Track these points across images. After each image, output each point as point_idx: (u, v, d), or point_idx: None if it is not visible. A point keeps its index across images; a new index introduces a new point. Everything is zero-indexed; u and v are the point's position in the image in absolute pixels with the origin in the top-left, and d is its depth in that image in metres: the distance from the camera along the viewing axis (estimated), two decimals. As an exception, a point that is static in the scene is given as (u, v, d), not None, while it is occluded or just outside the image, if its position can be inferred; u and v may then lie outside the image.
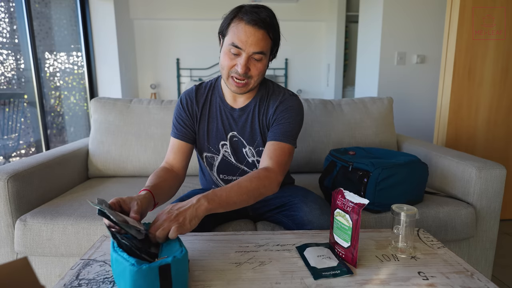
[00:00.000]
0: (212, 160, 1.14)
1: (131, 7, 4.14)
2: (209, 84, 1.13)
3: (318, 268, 0.74)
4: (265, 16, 0.93)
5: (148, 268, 0.59)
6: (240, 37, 0.93)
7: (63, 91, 3.42)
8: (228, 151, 1.11)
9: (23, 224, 1.16)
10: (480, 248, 1.34)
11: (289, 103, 1.07)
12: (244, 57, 0.94)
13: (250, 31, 0.92)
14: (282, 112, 1.05)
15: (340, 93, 4.23)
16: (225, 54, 0.97)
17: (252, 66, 0.97)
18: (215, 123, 1.10)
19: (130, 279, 0.59)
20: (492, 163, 1.31)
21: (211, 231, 1.05)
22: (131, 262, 0.60)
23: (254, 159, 1.12)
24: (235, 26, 0.94)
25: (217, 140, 1.11)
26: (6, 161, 2.73)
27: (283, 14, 4.37)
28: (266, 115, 1.08)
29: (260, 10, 0.94)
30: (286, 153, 1.01)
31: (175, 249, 0.67)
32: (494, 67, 1.97)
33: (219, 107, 1.10)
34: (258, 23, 0.92)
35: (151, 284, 0.60)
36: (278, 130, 1.03)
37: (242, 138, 1.10)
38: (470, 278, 0.72)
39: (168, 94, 4.47)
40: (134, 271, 0.59)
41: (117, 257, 0.63)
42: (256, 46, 0.94)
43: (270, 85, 1.12)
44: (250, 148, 1.11)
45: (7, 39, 2.68)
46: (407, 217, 0.81)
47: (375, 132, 1.74)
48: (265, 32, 0.94)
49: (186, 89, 4.73)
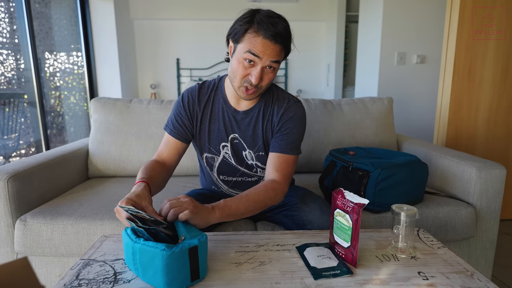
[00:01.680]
0: (213, 160, 1.13)
1: (131, 7, 4.14)
2: (212, 84, 1.12)
3: (318, 268, 0.74)
4: (281, 30, 0.92)
5: (180, 251, 0.65)
6: (257, 48, 0.92)
7: (63, 91, 3.42)
8: (229, 152, 1.11)
9: (23, 224, 1.16)
10: (480, 248, 1.34)
11: (293, 110, 1.06)
12: (259, 68, 0.94)
13: (267, 45, 0.91)
14: (286, 121, 1.05)
15: (340, 93, 4.23)
16: (239, 63, 0.95)
17: (264, 76, 0.96)
18: (217, 124, 1.09)
19: (163, 263, 0.64)
20: (492, 163, 1.31)
21: (211, 231, 1.05)
22: (161, 248, 0.64)
23: (254, 162, 1.12)
24: (252, 38, 0.92)
25: (218, 141, 1.10)
26: (6, 161, 2.73)
27: (283, 14, 4.37)
28: (271, 121, 1.08)
29: (276, 21, 0.92)
30: (291, 164, 1.04)
31: (194, 233, 0.72)
32: (494, 67, 1.97)
33: (221, 108, 1.09)
34: (276, 38, 0.91)
35: (182, 265, 0.66)
36: (283, 141, 1.04)
37: (243, 141, 1.09)
38: (470, 278, 0.72)
39: (168, 94, 4.47)
40: (167, 255, 0.64)
41: (142, 247, 0.66)
42: (273, 57, 0.93)
43: (275, 89, 1.11)
44: (250, 151, 1.10)
45: (7, 39, 2.68)
46: (407, 217, 0.81)
47: (375, 132, 1.74)
48: (281, 46, 0.94)
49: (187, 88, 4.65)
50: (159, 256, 0.64)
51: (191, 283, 0.68)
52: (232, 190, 1.17)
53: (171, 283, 0.66)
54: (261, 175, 1.15)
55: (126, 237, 0.71)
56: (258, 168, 1.13)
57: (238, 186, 1.16)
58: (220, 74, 4.28)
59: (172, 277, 0.65)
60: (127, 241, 0.71)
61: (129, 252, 0.71)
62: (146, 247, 0.66)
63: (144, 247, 0.66)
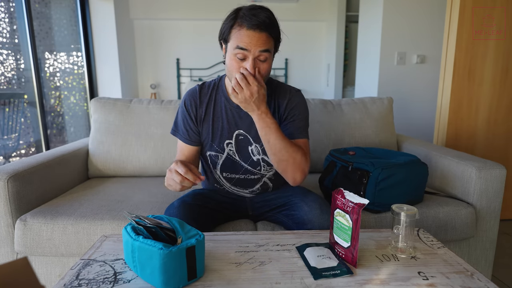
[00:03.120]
0: (216, 158, 1.14)
1: (131, 7, 4.14)
2: (212, 84, 1.14)
3: (318, 268, 0.74)
4: (264, 18, 0.94)
5: (177, 250, 0.66)
6: (243, 41, 0.94)
7: (63, 91, 3.42)
8: (233, 149, 1.12)
9: (23, 224, 1.16)
10: (480, 248, 1.34)
11: (296, 99, 1.12)
12: (251, 60, 0.95)
13: (252, 35, 0.93)
14: (292, 109, 1.10)
15: (340, 93, 4.23)
16: (232, 60, 0.98)
17: (259, 67, 0.98)
18: (220, 122, 1.11)
19: (160, 261, 0.65)
20: (492, 163, 1.31)
21: (211, 231, 1.05)
22: (158, 246, 0.65)
23: (260, 157, 1.13)
24: (238, 33, 0.95)
25: (222, 139, 1.11)
26: (6, 161, 2.73)
27: (283, 14, 4.36)
28: (278, 113, 1.11)
29: (258, 11, 0.95)
30: (305, 146, 1.09)
31: (192, 233, 0.73)
32: (494, 67, 1.97)
33: (224, 106, 1.10)
34: (260, 27, 0.93)
35: (179, 264, 0.66)
36: (292, 128, 1.08)
37: (249, 135, 1.11)
38: (470, 278, 0.72)
39: (168, 94, 4.47)
40: (164, 253, 0.64)
41: (141, 245, 0.67)
42: (261, 46, 0.95)
43: (275, 82, 1.14)
44: (256, 146, 1.11)
45: (7, 39, 2.68)
46: (407, 217, 0.81)
47: (375, 132, 1.74)
48: (267, 33, 0.95)
49: (187, 89, 4.68)
50: (157, 254, 0.65)
51: (188, 282, 0.69)
52: (234, 187, 1.18)
53: (168, 281, 0.66)
54: (264, 173, 1.15)
55: (126, 234, 0.72)
56: (262, 164, 1.13)
57: (241, 183, 1.16)
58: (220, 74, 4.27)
59: (169, 275, 0.66)
60: (126, 239, 0.72)
61: (128, 250, 0.71)
62: (144, 245, 0.67)
63: (143, 245, 0.67)
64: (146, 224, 0.73)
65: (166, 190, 1.45)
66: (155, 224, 0.73)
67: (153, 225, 0.72)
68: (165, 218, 0.77)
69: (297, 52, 4.46)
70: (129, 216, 0.74)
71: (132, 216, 0.74)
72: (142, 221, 0.73)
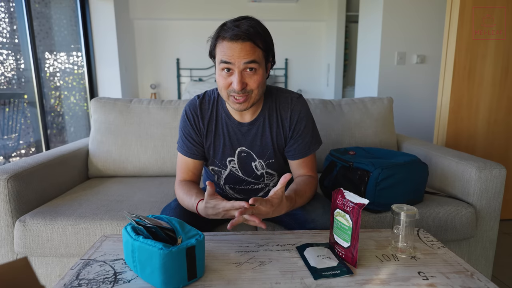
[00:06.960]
0: (220, 173, 1.13)
1: (131, 7, 4.14)
2: (212, 99, 1.08)
3: (318, 268, 0.74)
4: (246, 27, 0.89)
5: (177, 250, 0.66)
6: (226, 54, 0.90)
7: (63, 91, 3.42)
8: (236, 166, 1.10)
9: (22, 225, 1.16)
10: (480, 248, 1.34)
11: (298, 109, 1.06)
12: (237, 74, 0.91)
13: (234, 46, 0.89)
14: (297, 123, 1.05)
15: (340, 93, 4.23)
16: (219, 75, 0.94)
17: (249, 80, 0.93)
18: (222, 140, 1.07)
19: (160, 261, 0.65)
20: (492, 163, 1.31)
21: (211, 231, 1.05)
22: (158, 246, 0.65)
23: (264, 171, 1.11)
24: (220, 46, 0.92)
25: (224, 156, 1.08)
26: (6, 161, 2.72)
27: (283, 14, 4.36)
28: (282, 126, 1.06)
29: (241, 22, 0.91)
30: (313, 158, 1.12)
31: (192, 233, 0.73)
32: (494, 67, 1.97)
33: (225, 123, 1.06)
34: (242, 37, 0.88)
35: (179, 264, 0.66)
36: (300, 145, 1.07)
37: (252, 152, 1.08)
38: (470, 278, 0.72)
39: (168, 94, 4.47)
40: (164, 254, 0.65)
41: (141, 245, 0.67)
42: (245, 57, 0.90)
43: (274, 92, 1.08)
44: (260, 161, 1.09)
45: (7, 39, 2.68)
46: (407, 217, 0.81)
47: (375, 132, 1.74)
48: (251, 42, 0.90)
49: (187, 89, 4.64)
50: (157, 254, 0.65)
51: (188, 282, 0.69)
52: (238, 195, 1.18)
53: (168, 281, 0.66)
54: (267, 182, 1.15)
55: (126, 234, 0.72)
56: (266, 176, 1.13)
57: (245, 192, 1.17)
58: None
59: (169, 275, 0.66)
60: (126, 239, 0.72)
61: (128, 249, 0.71)
62: (144, 245, 0.67)
63: (143, 245, 0.67)
64: (146, 224, 0.73)
65: (166, 190, 1.45)
66: (155, 224, 0.73)
67: (153, 225, 0.72)
68: (165, 218, 0.77)
69: (297, 52, 4.46)
70: (129, 216, 0.74)
71: (132, 216, 0.74)
72: (142, 221, 0.73)
